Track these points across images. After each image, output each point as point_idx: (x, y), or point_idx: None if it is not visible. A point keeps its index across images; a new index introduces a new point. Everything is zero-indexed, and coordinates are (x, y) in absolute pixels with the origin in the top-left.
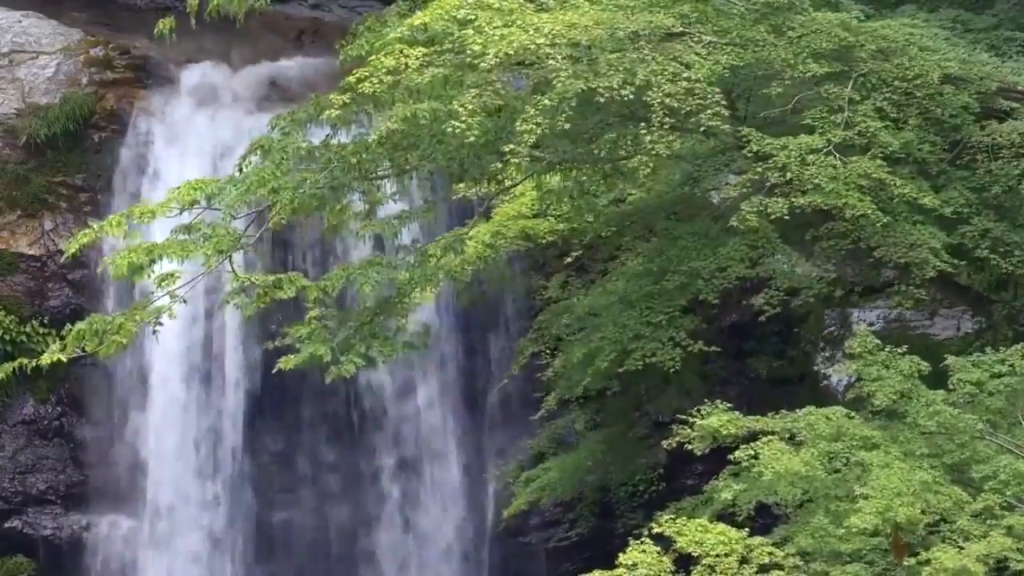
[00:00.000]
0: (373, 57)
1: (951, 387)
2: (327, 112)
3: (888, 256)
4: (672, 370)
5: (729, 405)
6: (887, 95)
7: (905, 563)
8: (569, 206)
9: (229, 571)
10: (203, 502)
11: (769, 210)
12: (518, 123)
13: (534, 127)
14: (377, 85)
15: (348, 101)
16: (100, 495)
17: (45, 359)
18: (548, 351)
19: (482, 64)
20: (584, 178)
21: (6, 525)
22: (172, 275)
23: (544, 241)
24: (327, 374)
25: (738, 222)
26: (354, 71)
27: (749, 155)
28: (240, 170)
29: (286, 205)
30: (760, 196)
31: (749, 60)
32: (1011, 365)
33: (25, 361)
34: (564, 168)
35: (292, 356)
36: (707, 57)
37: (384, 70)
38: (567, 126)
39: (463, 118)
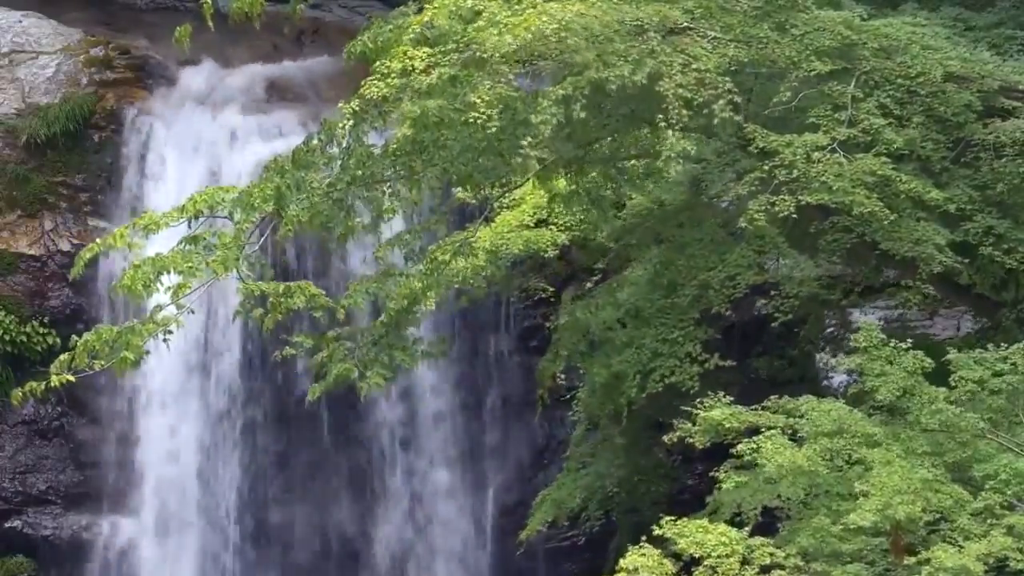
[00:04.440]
0: (379, 63)
1: (953, 384)
2: (342, 124)
3: (894, 250)
4: (691, 390)
5: (731, 400)
6: (890, 93)
7: (905, 562)
8: (582, 215)
9: (228, 571)
10: (203, 502)
11: (776, 208)
12: (533, 115)
13: (549, 117)
14: (385, 89)
15: (357, 109)
16: (100, 495)
17: (55, 380)
18: (562, 370)
19: (500, 52)
20: (590, 184)
21: (6, 525)
22: (184, 286)
23: (547, 254)
24: (360, 392)
25: (746, 221)
26: (363, 81)
27: (755, 151)
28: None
29: (293, 221)
30: (766, 195)
31: (753, 57)
32: (1013, 363)
33: (35, 384)
34: (570, 173)
35: (320, 383)
36: (712, 51)
37: (392, 74)
38: (583, 115)
39: (482, 109)
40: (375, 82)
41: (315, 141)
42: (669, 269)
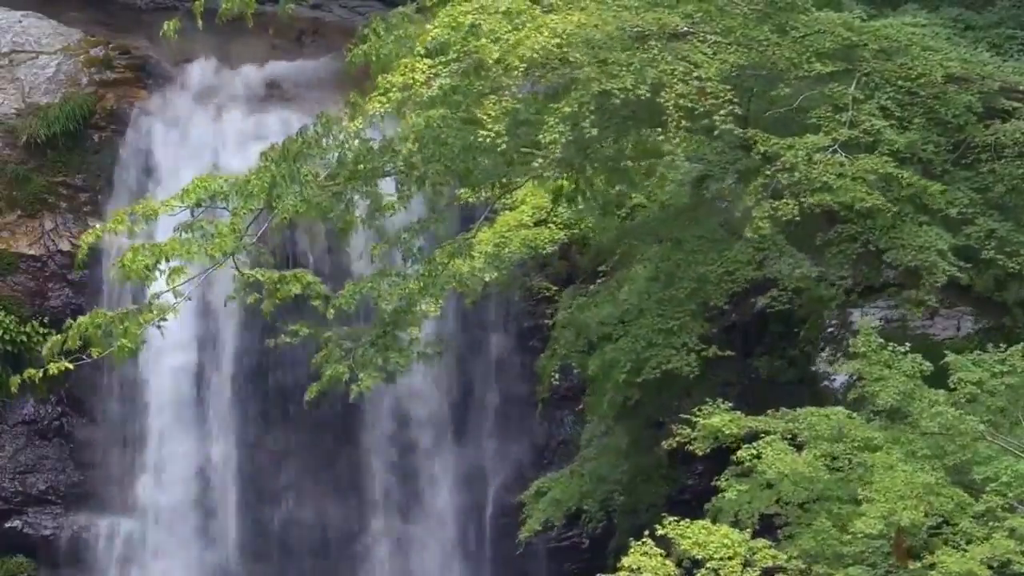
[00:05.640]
0: (381, 78)
1: (952, 387)
2: (349, 143)
3: (898, 259)
4: (690, 376)
5: (730, 405)
6: (890, 94)
7: (910, 567)
8: (582, 215)
9: (228, 571)
10: (202, 502)
11: (779, 212)
12: (541, 135)
13: (558, 136)
14: (387, 104)
15: (360, 127)
16: (100, 495)
17: (52, 368)
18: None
19: (510, 72)
20: (594, 189)
21: (6, 525)
22: (180, 269)
23: (546, 251)
24: (351, 392)
25: (752, 232)
26: (368, 97)
27: (757, 155)
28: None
29: (288, 211)
30: (769, 201)
31: (754, 60)
32: (1011, 365)
33: (33, 372)
34: (571, 174)
35: (315, 384)
36: (713, 57)
37: (394, 88)
38: (593, 131)
39: (489, 126)
40: (378, 97)
41: (311, 132)
42: (667, 262)
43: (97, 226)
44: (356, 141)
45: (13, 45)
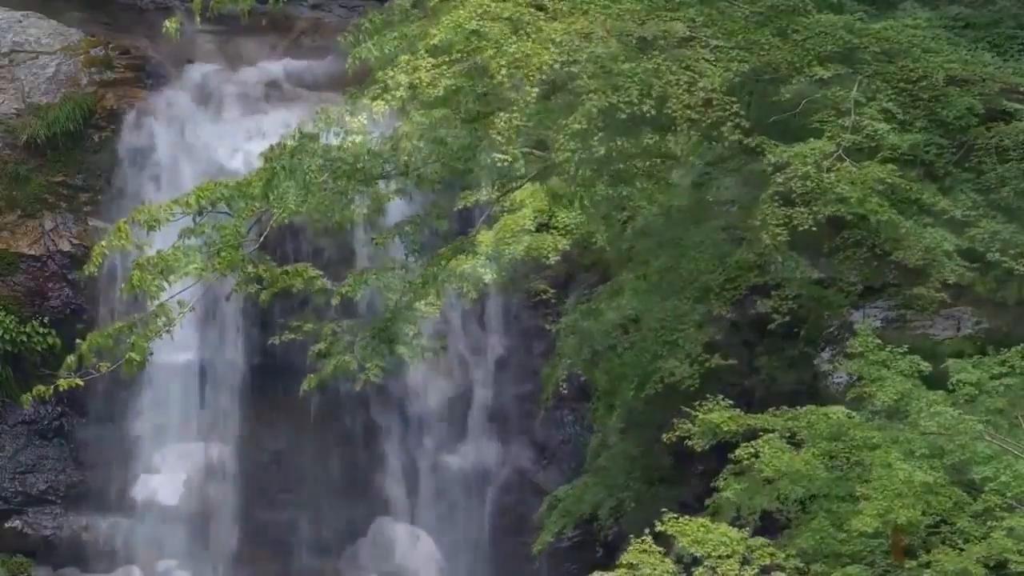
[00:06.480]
0: (382, 73)
1: (951, 387)
2: (352, 139)
3: (907, 259)
4: (691, 388)
5: (730, 403)
6: (892, 96)
7: (906, 565)
8: (582, 218)
9: (228, 571)
10: (202, 501)
11: (795, 222)
12: (554, 153)
13: (571, 154)
14: (393, 102)
15: (365, 123)
16: (100, 495)
17: (63, 384)
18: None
19: (528, 98)
20: (597, 191)
21: (6, 525)
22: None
23: (549, 260)
24: (357, 382)
25: (771, 240)
26: (370, 94)
27: (769, 165)
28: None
29: (289, 209)
30: (784, 209)
31: (755, 64)
32: (1011, 366)
33: (43, 388)
34: (569, 175)
35: (315, 375)
36: (715, 63)
37: (400, 87)
38: (602, 150)
39: (504, 147)
40: (382, 95)
41: (310, 127)
42: (670, 272)
43: (103, 243)
44: (357, 138)
45: (13, 45)
